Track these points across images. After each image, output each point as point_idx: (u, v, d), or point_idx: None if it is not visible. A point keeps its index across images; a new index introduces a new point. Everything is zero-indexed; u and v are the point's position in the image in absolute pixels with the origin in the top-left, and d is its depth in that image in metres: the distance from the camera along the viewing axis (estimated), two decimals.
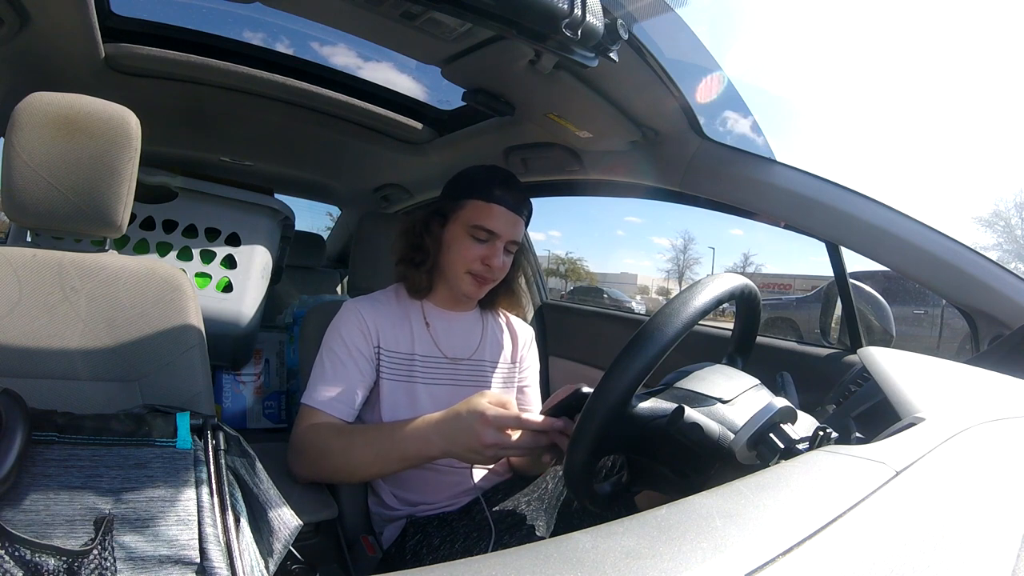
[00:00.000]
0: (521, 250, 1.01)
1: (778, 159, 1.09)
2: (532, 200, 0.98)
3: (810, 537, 0.20)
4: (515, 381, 1.06)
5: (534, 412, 0.71)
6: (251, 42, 1.21)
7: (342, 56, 1.28)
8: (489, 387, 0.99)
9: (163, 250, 1.33)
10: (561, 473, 0.86)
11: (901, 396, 0.43)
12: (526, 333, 1.10)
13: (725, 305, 0.61)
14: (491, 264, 0.91)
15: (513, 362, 1.05)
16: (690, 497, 0.24)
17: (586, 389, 0.66)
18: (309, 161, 1.81)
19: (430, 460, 0.77)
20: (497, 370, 1.02)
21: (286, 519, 0.62)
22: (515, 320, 1.10)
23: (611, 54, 0.80)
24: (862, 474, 0.27)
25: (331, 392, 0.87)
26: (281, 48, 1.25)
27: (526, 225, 0.98)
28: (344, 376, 0.88)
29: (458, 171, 0.97)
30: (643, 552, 0.18)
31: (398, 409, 0.91)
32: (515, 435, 0.70)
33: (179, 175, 1.34)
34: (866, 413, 0.61)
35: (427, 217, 0.96)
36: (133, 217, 1.14)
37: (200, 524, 0.55)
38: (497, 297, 1.03)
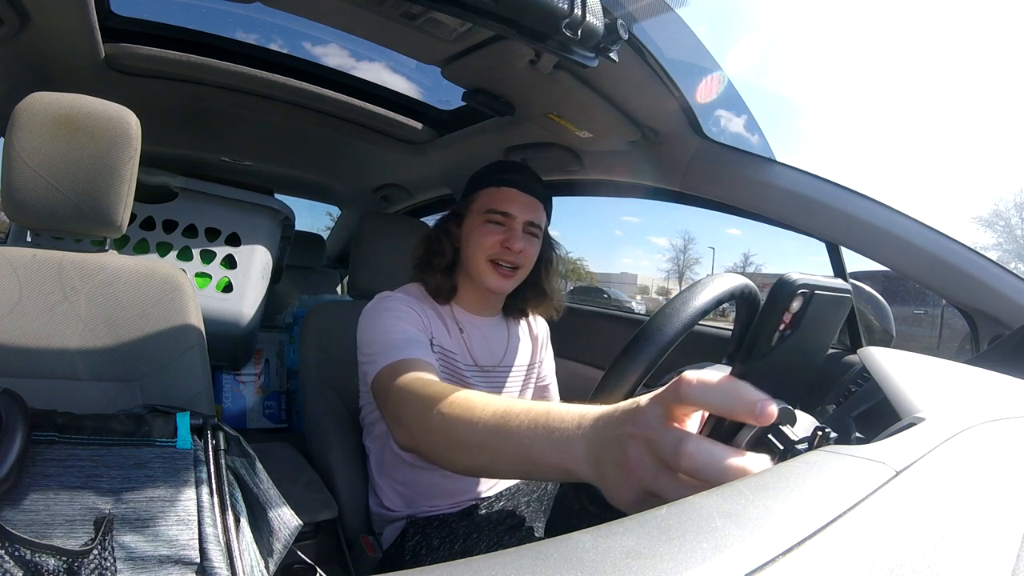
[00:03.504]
0: (550, 245, 0.97)
1: (778, 159, 1.09)
2: None
3: (810, 537, 0.20)
4: (534, 380, 1.04)
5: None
6: (251, 42, 1.21)
7: (341, 56, 1.28)
8: (513, 393, 0.98)
9: (163, 250, 1.33)
10: None
11: (901, 396, 0.43)
12: (543, 330, 1.08)
13: (725, 305, 0.61)
14: (511, 247, 0.87)
15: (533, 363, 1.04)
16: (690, 497, 0.24)
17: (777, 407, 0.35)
18: (309, 161, 1.81)
19: (569, 479, 0.41)
20: (520, 374, 1.00)
21: (286, 519, 0.63)
22: (531, 317, 1.06)
23: (611, 54, 0.80)
24: (862, 474, 0.26)
25: (403, 342, 0.74)
26: (281, 48, 1.25)
27: (548, 212, 0.95)
28: (409, 330, 0.78)
29: (459, 171, 0.97)
30: (643, 552, 0.18)
31: None
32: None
33: (179, 175, 1.34)
34: (866, 413, 0.61)
35: (443, 220, 0.95)
36: (133, 217, 1.14)
37: (200, 524, 0.55)
38: (527, 300, 0.98)
